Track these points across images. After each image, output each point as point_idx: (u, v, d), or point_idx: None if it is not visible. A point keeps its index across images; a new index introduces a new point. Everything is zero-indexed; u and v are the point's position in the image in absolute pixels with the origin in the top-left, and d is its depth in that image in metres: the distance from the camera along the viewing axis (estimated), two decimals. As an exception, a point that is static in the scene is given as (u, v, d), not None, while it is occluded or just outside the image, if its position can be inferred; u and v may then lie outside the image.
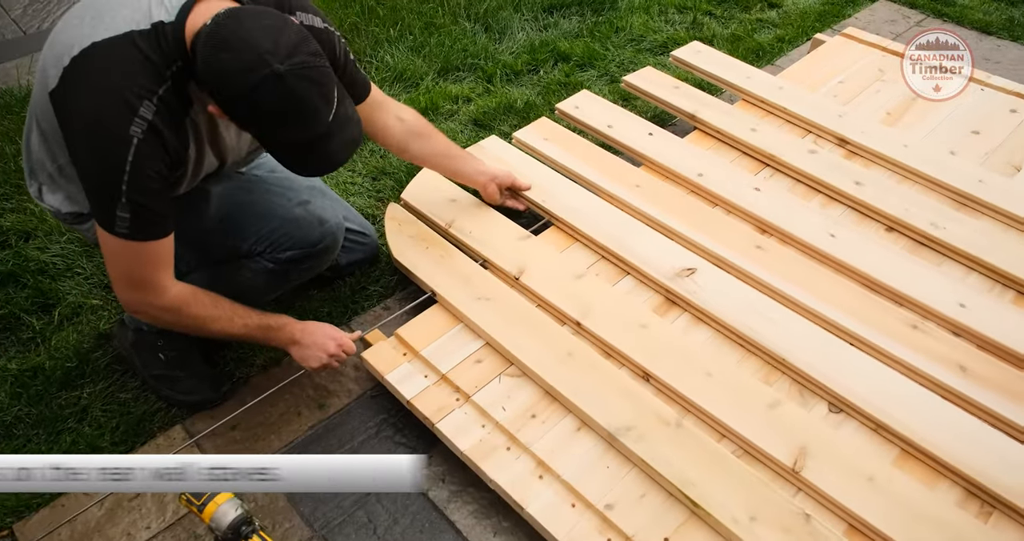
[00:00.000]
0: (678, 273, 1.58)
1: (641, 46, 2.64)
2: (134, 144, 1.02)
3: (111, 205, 1.06)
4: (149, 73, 1.03)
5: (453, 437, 1.34)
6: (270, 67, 0.97)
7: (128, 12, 1.04)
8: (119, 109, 1.01)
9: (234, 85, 0.99)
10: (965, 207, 1.78)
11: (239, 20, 1.00)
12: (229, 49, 0.98)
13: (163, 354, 1.48)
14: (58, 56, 1.05)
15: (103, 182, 1.06)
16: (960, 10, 2.84)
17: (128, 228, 1.08)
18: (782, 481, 1.28)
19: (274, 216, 1.36)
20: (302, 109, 1.01)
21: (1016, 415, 1.33)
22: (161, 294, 1.18)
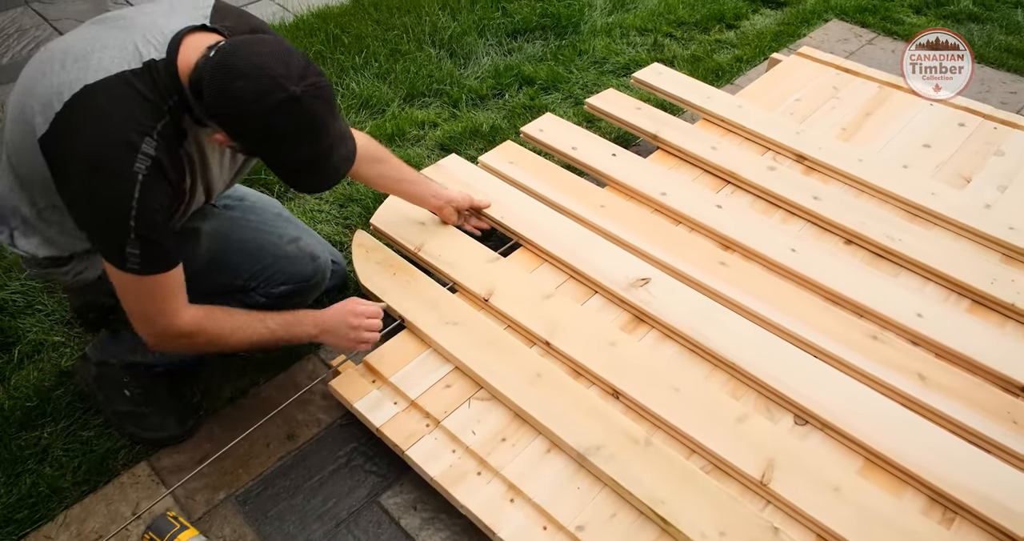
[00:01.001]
0: (632, 283, 1.60)
1: (604, 68, 2.69)
2: (139, 180, 1.04)
3: (121, 243, 1.07)
4: (147, 110, 1.05)
5: (423, 464, 1.34)
6: (286, 90, 1.01)
7: (114, 53, 1.05)
8: (121, 148, 1.03)
9: (252, 111, 1.02)
10: (919, 219, 1.83)
11: (248, 48, 1.03)
12: (244, 77, 1.01)
13: (128, 390, 1.46)
14: (44, 102, 1.05)
15: (111, 221, 1.06)
16: (909, 28, 2.94)
17: (139, 264, 1.09)
18: (751, 495, 1.29)
19: (267, 253, 1.38)
20: (315, 127, 1.07)
21: (974, 421, 1.36)
22: (176, 321, 1.18)
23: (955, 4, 3.15)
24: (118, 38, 1.07)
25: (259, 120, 1.03)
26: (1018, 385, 1.43)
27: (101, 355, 1.47)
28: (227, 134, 1.07)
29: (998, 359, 1.46)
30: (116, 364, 1.45)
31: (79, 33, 1.13)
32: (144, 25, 1.09)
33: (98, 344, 1.49)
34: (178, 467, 1.43)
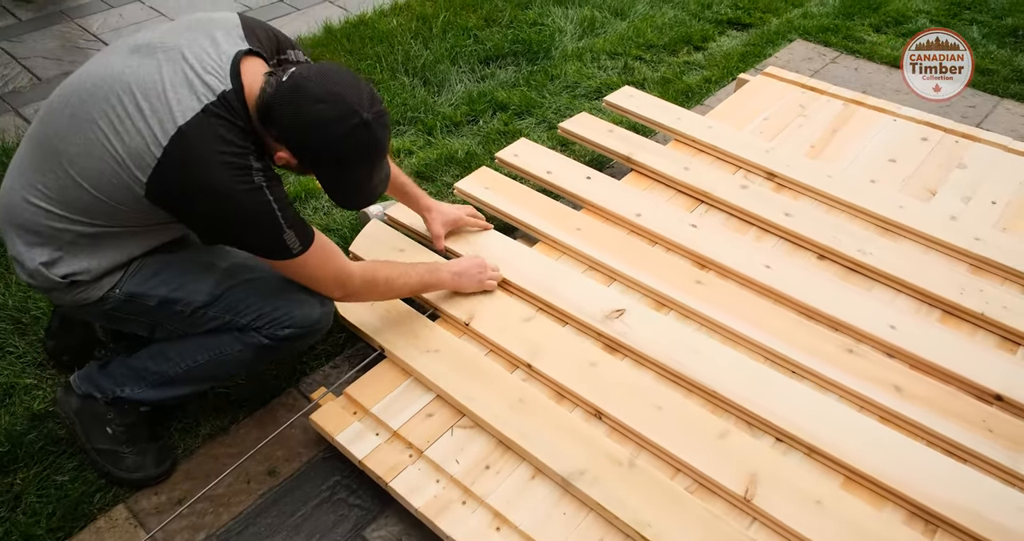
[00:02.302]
0: (607, 315, 1.60)
1: (576, 92, 2.73)
2: (265, 187, 1.16)
3: (279, 239, 1.20)
4: (239, 135, 1.15)
5: (407, 495, 1.33)
6: (360, 116, 1.14)
7: (186, 90, 1.12)
8: (239, 172, 1.13)
9: (329, 133, 1.14)
10: (889, 232, 1.87)
11: (323, 76, 1.15)
12: (323, 101, 1.12)
13: (111, 428, 1.43)
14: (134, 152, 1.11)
15: (266, 229, 1.18)
16: (870, 47, 3.03)
17: (300, 243, 1.23)
18: (737, 512, 1.29)
19: (280, 297, 1.38)
20: (379, 152, 1.21)
21: (951, 431, 1.38)
22: (351, 279, 1.37)
23: (913, 22, 3.25)
24: (179, 70, 1.13)
25: (333, 142, 1.15)
26: (992, 393, 1.45)
27: (86, 387, 1.44)
28: (294, 153, 1.18)
29: (971, 368, 1.48)
30: (101, 399, 1.43)
31: (129, 65, 1.14)
32: (195, 55, 1.15)
33: (85, 375, 1.46)
34: (156, 509, 1.40)
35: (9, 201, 1.24)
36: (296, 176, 2.26)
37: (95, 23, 3.22)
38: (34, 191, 1.20)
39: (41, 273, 1.23)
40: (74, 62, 2.95)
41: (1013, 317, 1.60)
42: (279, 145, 1.18)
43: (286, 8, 3.39)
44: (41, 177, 1.20)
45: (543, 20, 3.19)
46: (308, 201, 2.17)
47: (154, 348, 1.44)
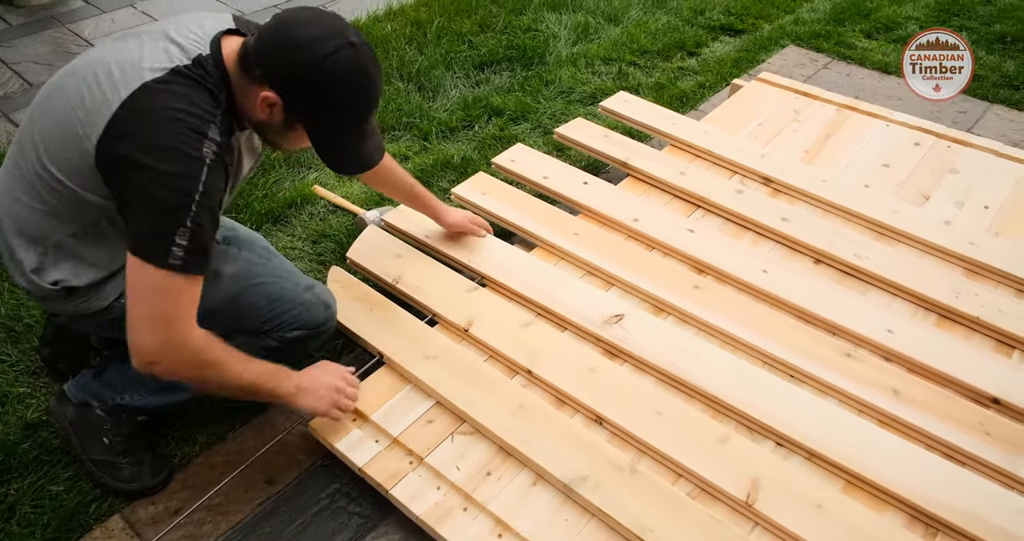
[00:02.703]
0: (606, 320, 1.60)
1: (571, 98, 2.74)
2: (207, 164, 1.06)
3: (171, 233, 1.05)
4: (208, 98, 1.09)
5: (408, 503, 1.32)
6: (346, 37, 1.08)
7: (162, 54, 1.09)
8: (190, 133, 1.05)
9: (316, 51, 1.06)
10: (884, 236, 1.88)
11: (306, 10, 1.11)
12: (307, 24, 1.08)
13: (107, 438, 1.41)
14: (93, 110, 1.06)
15: (171, 207, 1.05)
16: (861, 52, 3.06)
17: (182, 258, 1.06)
18: (738, 517, 1.29)
19: (286, 300, 1.38)
20: (368, 81, 1.13)
21: (949, 435, 1.39)
22: (191, 333, 1.13)
23: (903, 29, 3.28)
24: (158, 44, 1.11)
25: (320, 61, 1.06)
26: (989, 397, 1.46)
27: (82, 395, 1.42)
28: (280, 90, 1.09)
29: (969, 372, 1.49)
30: (98, 407, 1.41)
31: (111, 47, 1.14)
32: (177, 30, 1.13)
33: (80, 384, 1.44)
34: (153, 519, 1.38)
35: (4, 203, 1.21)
36: (289, 181, 2.26)
37: (87, 28, 3.20)
38: (20, 188, 1.18)
39: (34, 281, 1.22)
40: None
41: (1008, 321, 1.62)
42: (263, 86, 1.09)
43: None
44: (21, 172, 1.17)
45: (537, 26, 3.20)
46: (304, 207, 2.16)
47: None
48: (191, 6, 3.39)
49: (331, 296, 1.50)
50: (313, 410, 1.33)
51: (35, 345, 1.70)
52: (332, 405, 1.34)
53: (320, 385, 1.33)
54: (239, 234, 1.52)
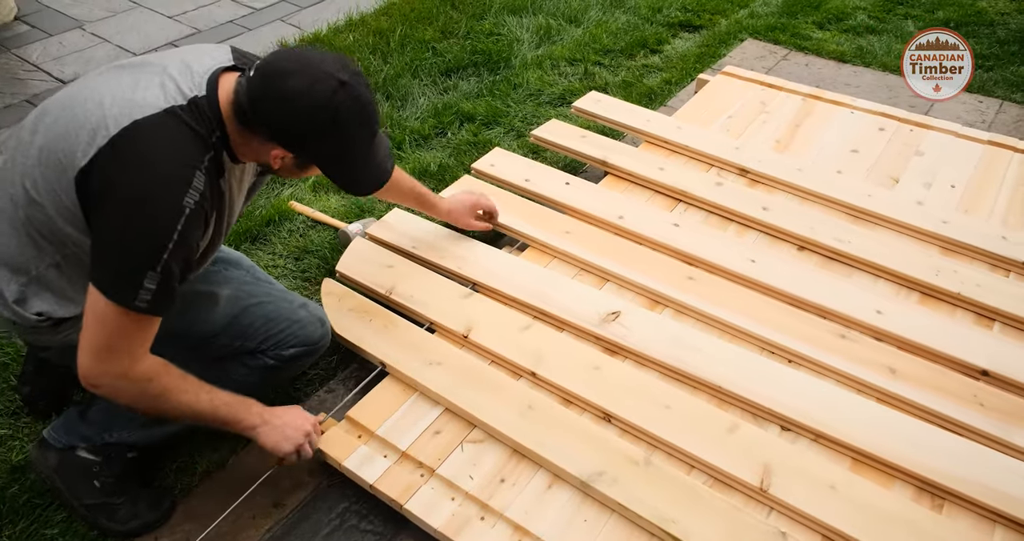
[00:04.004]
0: (604, 318, 1.61)
1: (540, 100, 2.75)
2: (186, 214, 1.05)
3: (139, 276, 1.04)
4: (197, 145, 1.08)
5: (424, 516, 1.30)
6: (335, 78, 1.07)
7: (156, 91, 1.07)
8: (175, 180, 1.04)
9: (308, 102, 1.06)
10: (861, 220, 1.94)
11: (285, 55, 1.10)
12: (292, 74, 1.06)
13: (98, 480, 1.35)
14: (84, 139, 1.04)
15: (142, 251, 1.04)
16: (817, 43, 3.15)
17: (149, 301, 1.06)
18: (755, 503, 1.31)
19: (282, 318, 1.39)
20: (369, 110, 1.13)
21: (946, 408, 1.43)
22: (135, 364, 1.12)
23: (853, 18, 3.39)
24: (155, 80, 1.09)
25: (317, 109, 1.06)
26: (978, 369, 1.51)
27: (66, 439, 1.36)
28: (286, 145, 1.11)
29: (957, 346, 1.54)
30: (86, 449, 1.35)
31: (107, 78, 1.12)
32: (177, 67, 1.11)
33: (61, 427, 1.38)
34: (160, 554, 1.34)
35: None
36: (264, 198, 2.21)
37: (34, 53, 3.09)
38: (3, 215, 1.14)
39: (18, 312, 1.17)
40: (15, 94, 2.82)
41: (987, 294, 1.68)
42: (270, 145, 1.11)
43: (237, 29, 3.32)
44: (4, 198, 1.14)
45: (499, 30, 3.20)
46: (282, 223, 2.12)
47: None
48: (140, 28, 3.31)
49: (324, 313, 1.50)
50: (274, 447, 1.28)
51: (12, 384, 1.62)
52: (296, 446, 1.29)
53: (287, 424, 1.29)
54: (223, 255, 1.50)
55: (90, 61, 3.03)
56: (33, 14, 3.37)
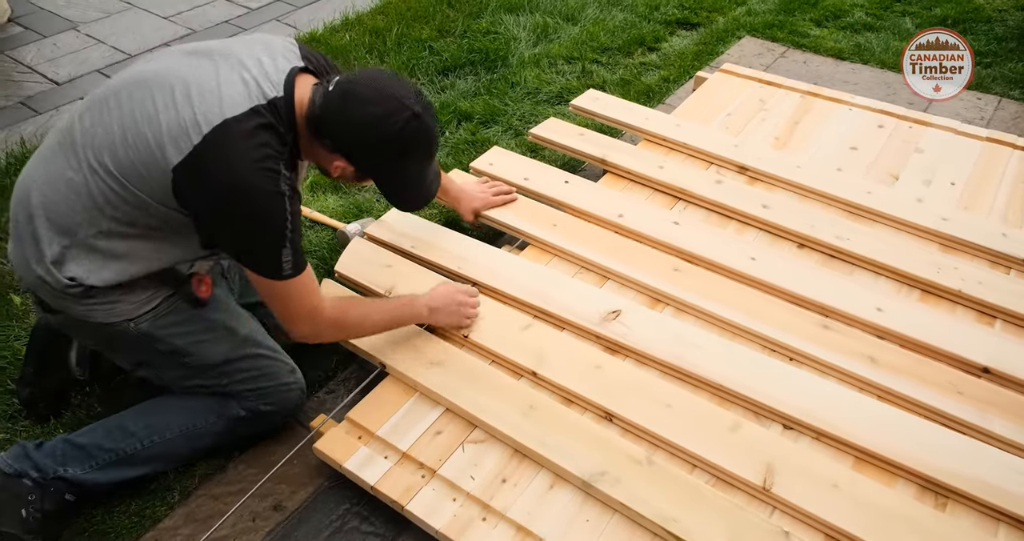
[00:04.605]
0: (604, 317, 1.60)
1: (538, 98, 2.74)
2: (287, 195, 1.16)
3: (277, 253, 1.19)
4: (278, 141, 1.17)
5: (425, 517, 1.29)
6: (411, 109, 1.18)
7: (241, 88, 1.14)
8: (268, 173, 1.14)
9: (385, 130, 1.17)
10: (861, 218, 1.93)
11: (370, 78, 1.19)
12: (374, 102, 1.17)
13: (26, 511, 1.29)
14: (175, 132, 1.11)
15: (270, 235, 1.17)
16: (815, 40, 3.14)
17: (292, 267, 1.21)
18: (757, 502, 1.31)
19: (272, 376, 1.45)
20: (434, 141, 1.27)
21: (948, 406, 1.43)
22: (322, 313, 1.32)
23: (850, 16, 3.38)
24: (235, 72, 1.16)
25: (391, 139, 1.18)
26: (979, 367, 1.51)
27: (19, 466, 1.33)
28: (351, 160, 1.22)
29: (959, 344, 1.54)
30: (33, 478, 1.32)
31: (185, 64, 1.18)
32: (254, 63, 1.18)
33: (16, 454, 1.35)
34: (160, 557, 1.33)
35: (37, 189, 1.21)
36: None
37: (28, 54, 3.07)
38: (65, 178, 1.18)
39: (52, 272, 1.21)
40: (9, 96, 2.81)
41: (988, 292, 1.67)
42: (334, 155, 1.21)
43: (232, 29, 3.30)
44: (70, 164, 1.18)
45: (496, 28, 3.20)
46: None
47: (111, 422, 1.40)
48: (135, 29, 3.29)
49: (304, 382, 1.52)
50: (447, 325, 1.55)
51: (10, 388, 1.61)
52: (463, 318, 1.55)
53: (449, 301, 1.53)
54: None
55: (84, 62, 3.02)
56: (27, 16, 3.36)
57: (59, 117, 2.68)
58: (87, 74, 2.95)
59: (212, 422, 1.43)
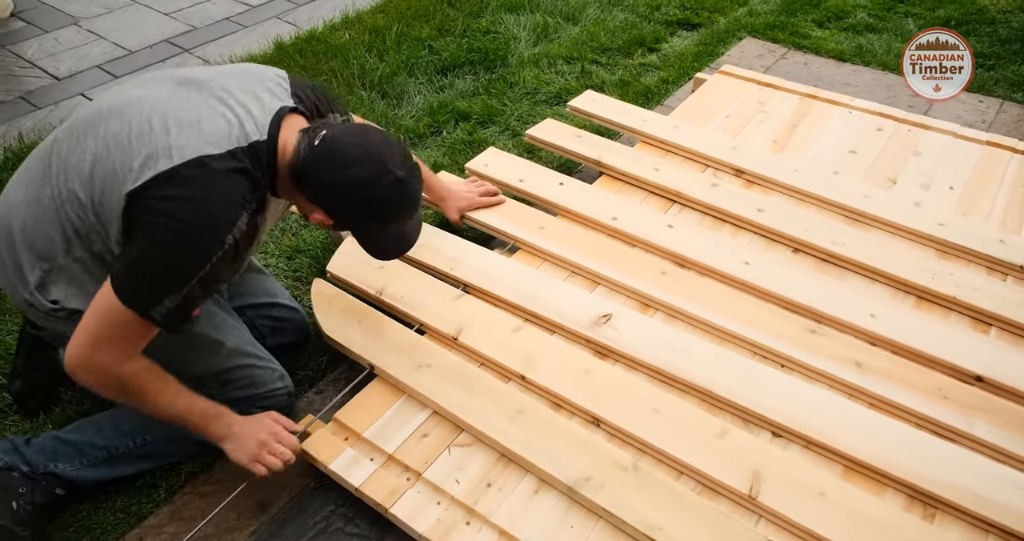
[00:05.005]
0: (595, 321, 1.59)
1: (537, 98, 2.73)
2: (224, 249, 1.10)
3: (164, 293, 1.10)
4: (250, 188, 1.13)
5: (409, 520, 1.29)
6: (395, 175, 1.14)
7: (223, 126, 1.12)
8: (223, 219, 1.10)
9: (366, 195, 1.14)
10: (857, 222, 1.91)
11: (357, 137, 1.14)
12: (358, 164, 1.12)
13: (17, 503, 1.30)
14: (145, 158, 1.08)
15: (173, 275, 1.10)
16: (816, 42, 3.12)
17: (164, 315, 1.11)
18: (742, 510, 1.30)
19: (263, 384, 1.46)
20: (415, 202, 1.22)
21: (939, 414, 1.41)
22: (125, 361, 1.17)
23: (853, 17, 3.35)
24: (219, 110, 1.13)
25: (371, 204, 1.15)
26: (972, 375, 1.49)
27: (9, 459, 1.34)
28: (329, 215, 1.18)
29: (951, 352, 1.52)
30: (23, 472, 1.33)
31: (174, 93, 1.15)
32: (239, 99, 1.15)
33: (7, 447, 1.36)
34: (143, 556, 1.33)
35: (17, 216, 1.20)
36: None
37: (29, 49, 3.08)
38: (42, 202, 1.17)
39: (37, 297, 1.20)
40: (9, 90, 2.81)
41: (983, 299, 1.65)
42: (313, 206, 1.18)
43: (233, 26, 3.30)
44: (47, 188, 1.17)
45: (496, 28, 3.18)
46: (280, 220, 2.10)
47: (102, 419, 1.40)
48: (136, 25, 3.29)
49: (292, 386, 1.53)
50: (238, 461, 1.30)
51: (1, 383, 1.62)
52: (253, 459, 1.29)
53: (248, 436, 1.30)
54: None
55: (85, 58, 3.02)
56: (29, 10, 3.36)
57: (57, 112, 2.68)
58: (87, 70, 2.95)
59: None
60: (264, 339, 1.57)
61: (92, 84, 2.86)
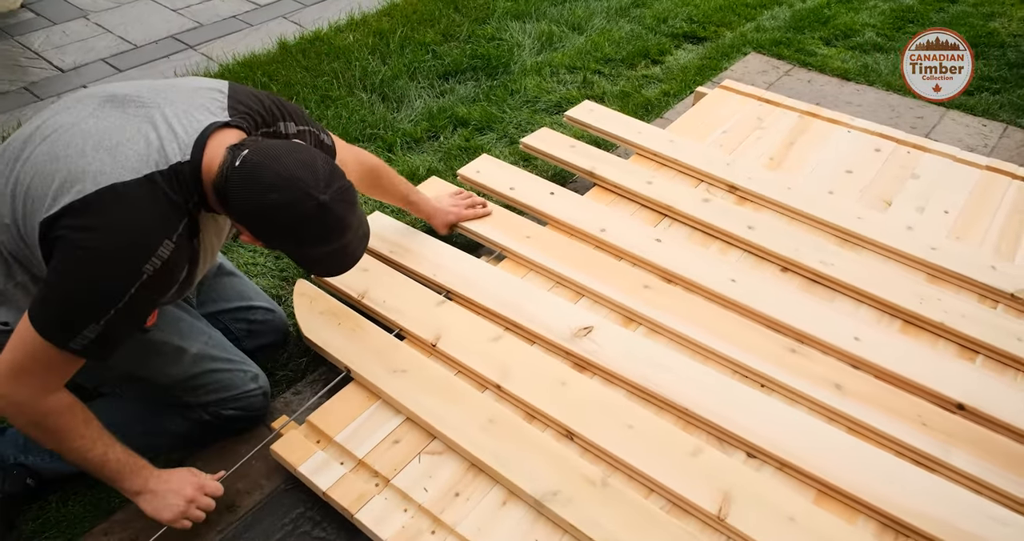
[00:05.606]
0: (575, 333, 1.58)
1: (536, 107, 2.73)
2: (142, 280, 1.06)
3: (82, 324, 1.06)
4: (172, 214, 1.08)
5: (374, 527, 1.28)
6: (316, 199, 1.06)
7: (141, 149, 1.06)
8: (139, 248, 1.05)
9: (283, 220, 1.07)
10: (848, 243, 1.90)
11: (276, 159, 1.06)
12: (274, 189, 1.04)
13: None
14: (59, 185, 1.04)
15: (88, 307, 1.06)
16: (822, 59, 3.10)
17: (83, 347, 1.08)
18: (711, 531, 1.28)
19: (234, 387, 1.44)
20: (341, 228, 1.12)
21: (918, 442, 1.39)
22: (45, 395, 1.13)
23: (861, 36, 3.34)
24: (142, 130, 1.08)
25: (290, 227, 1.08)
26: (954, 402, 1.47)
27: None
28: (255, 236, 1.12)
29: (933, 378, 1.50)
30: None
31: (96, 114, 1.10)
32: (167, 117, 1.10)
33: None
34: (106, 553, 1.32)
35: None
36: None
37: (36, 41, 3.10)
38: None
39: None
40: (13, 81, 2.84)
41: (971, 326, 1.63)
42: (240, 226, 1.12)
43: (239, 24, 3.32)
44: None
45: (501, 35, 3.19)
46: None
47: None
48: (144, 19, 3.31)
49: (268, 385, 1.52)
50: (153, 515, 1.25)
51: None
52: (180, 515, 1.25)
53: (170, 491, 1.25)
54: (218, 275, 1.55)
55: (91, 51, 3.04)
56: (39, 2, 3.39)
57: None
58: (92, 62, 2.97)
59: (177, 424, 1.44)
60: (241, 342, 1.57)
61: (95, 77, 2.88)
